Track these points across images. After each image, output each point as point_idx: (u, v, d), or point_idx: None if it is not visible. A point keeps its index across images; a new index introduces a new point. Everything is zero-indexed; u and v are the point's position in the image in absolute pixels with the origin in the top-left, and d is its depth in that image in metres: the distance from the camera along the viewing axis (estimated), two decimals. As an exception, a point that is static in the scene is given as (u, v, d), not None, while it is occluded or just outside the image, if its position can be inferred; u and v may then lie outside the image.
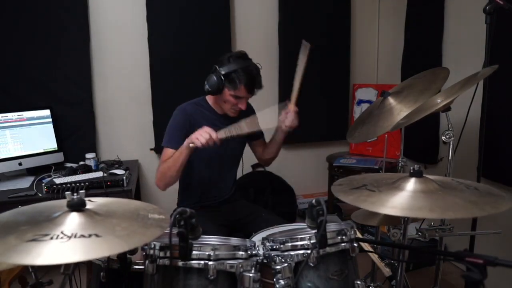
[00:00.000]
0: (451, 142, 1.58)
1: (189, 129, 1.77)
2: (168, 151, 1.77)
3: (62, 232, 0.83)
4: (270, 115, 1.81)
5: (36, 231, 0.83)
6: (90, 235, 0.83)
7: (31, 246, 0.78)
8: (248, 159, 2.15)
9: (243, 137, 1.96)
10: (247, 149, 2.07)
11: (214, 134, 1.60)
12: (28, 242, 0.79)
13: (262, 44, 3.09)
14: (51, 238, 0.80)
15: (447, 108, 1.56)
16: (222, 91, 1.74)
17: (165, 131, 1.84)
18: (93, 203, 0.99)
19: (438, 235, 1.60)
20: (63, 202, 0.93)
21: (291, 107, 1.80)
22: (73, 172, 2.42)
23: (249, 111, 2.01)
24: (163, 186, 1.77)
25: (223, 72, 1.70)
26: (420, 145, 2.83)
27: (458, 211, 0.93)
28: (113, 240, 0.83)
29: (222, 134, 1.64)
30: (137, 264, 1.16)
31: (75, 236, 0.82)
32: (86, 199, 0.94)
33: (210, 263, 1.03)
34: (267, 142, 2.04)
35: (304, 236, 1.12)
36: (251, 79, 1.70)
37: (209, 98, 1.89)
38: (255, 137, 2.02)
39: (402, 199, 1.01)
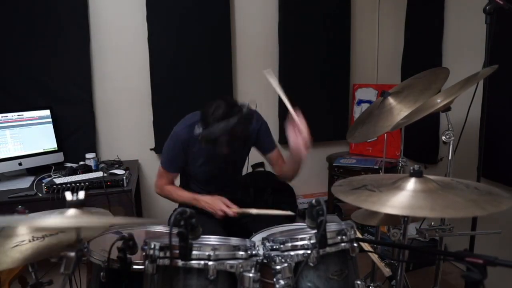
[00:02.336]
0: (451, 142, 1.58)
1: (186, 155, 1.82)
2: (165, 172, 1.89)
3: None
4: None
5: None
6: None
7: None
8: (248, 159, 2.15)
9: (248, 144, 1.90)
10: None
11: (230, 213, 1.73)
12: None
13: (262, 44, 3.09)
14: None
15: (447, 108, 1.56)
16: None
17: (162, 151, 1.90)
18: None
19: (438, 235, 1.60)
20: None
21: (295, 115, 1.56)
22: (73, 172, 2.42)
23: (259, 121, 1.91)
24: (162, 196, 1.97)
25: (204, 138, 1.58)
26: (420, 145, 2.83)
27: (459, 210, 0.93)
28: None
29: (239, 211, 1.74)
30: (137, 264, 1.16)
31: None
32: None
33: (210, 263, 1.03)
34: (285, 159, 1.91)
35: (304, 236, 1.11)
36: (231, 148, 1.60)
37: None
38: (267, 150, 1.92)
39: (402, 198, 1.01)
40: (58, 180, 2.23)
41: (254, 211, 1.72)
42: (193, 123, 1.76)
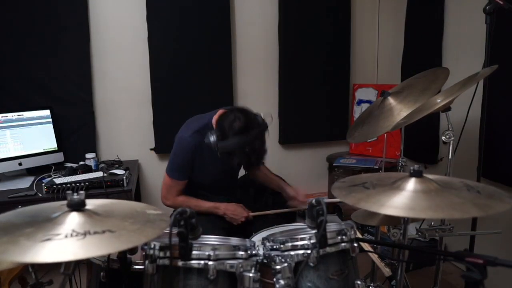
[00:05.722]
0: (451, 142, 1.58)
1: (195, 161, 1.79)
2: (175, 182, 1.83)
3: (73, 230, 0.82)
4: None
5: (44, 231, 0.82)
6: (103, 231, 0.82)
7: (47, 245, 0.77)
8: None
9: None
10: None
11: (246, 214, 1.86)
12: (43, 242, 0.77)
13: (262, 44, 3.09)
14: (66, 237, 0.80)
15: (447, 108, 1.56)
16: None
17: (169, 159, 1.83)
18: (90, 204, 0.98)
19: (438, 235, 1.60)
20: (60, 203, 0.92)
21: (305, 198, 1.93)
22: (73, 172, 2.42)
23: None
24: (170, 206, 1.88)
25: (221, 149, 1.56)
26: (420, 145, 2.83)
27: (458, 211, 0.93)
28: (128, 234, 0.83)
29: (256, 214, 1.89)
30: (137, 264, 1.16)
31: (89, 233, 0.81)
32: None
33: (210, 263, 1.03)
34: (264, 175, 2.13)
35: (304, 236, 1.11)
36: (247, 162, 1.66)
37: (214, 121, 1.72)
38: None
39: (402, 198, 1.00)
40: (58, 180, 2.23)
41: (271, 212, 1.90)
42: (201, 128, 1.74)
